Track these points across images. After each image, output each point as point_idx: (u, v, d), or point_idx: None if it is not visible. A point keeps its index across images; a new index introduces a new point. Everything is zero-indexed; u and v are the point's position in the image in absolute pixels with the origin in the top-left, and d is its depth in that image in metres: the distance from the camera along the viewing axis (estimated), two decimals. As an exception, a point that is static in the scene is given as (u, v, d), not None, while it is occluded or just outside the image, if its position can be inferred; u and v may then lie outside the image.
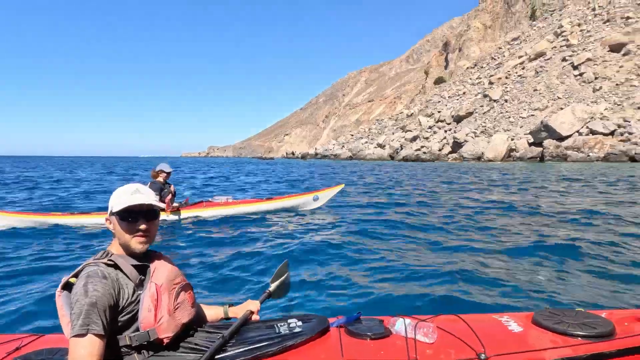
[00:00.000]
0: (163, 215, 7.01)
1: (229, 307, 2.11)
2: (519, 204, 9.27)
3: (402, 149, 62.31)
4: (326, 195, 8.39)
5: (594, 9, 66.21)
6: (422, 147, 58.22)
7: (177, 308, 1.69)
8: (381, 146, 71.17)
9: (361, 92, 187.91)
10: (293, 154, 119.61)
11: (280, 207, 8.06)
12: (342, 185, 8.71)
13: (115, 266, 1.63)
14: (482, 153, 45.73)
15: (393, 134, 75.87)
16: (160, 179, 7.14)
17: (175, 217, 7.24)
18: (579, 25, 64.55)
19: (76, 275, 1.60)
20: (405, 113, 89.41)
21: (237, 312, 2.06)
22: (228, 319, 2.08)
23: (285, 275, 2.79)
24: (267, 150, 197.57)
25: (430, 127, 65.78)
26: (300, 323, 1.86)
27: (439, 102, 78.64)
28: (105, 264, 1.62)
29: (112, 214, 1.71)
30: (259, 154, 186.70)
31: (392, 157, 63.02)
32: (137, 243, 1.69)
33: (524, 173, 21.91)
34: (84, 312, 1.45)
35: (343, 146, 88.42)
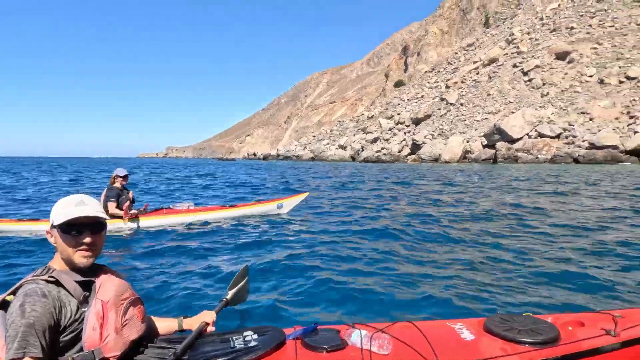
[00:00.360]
0: (120, 223, 6.76)
1: (183, 318, 2.05)
2: (472, 207, 9.63)
3: (363, 150, 63.17)
4: (291, 203, 8.37)
5: (541, 19, 70.09)
6: (383, 148, 59.30)
7: (125, 325, 1.62)
8: (343, 147, 71.85)
9: (323, 94, 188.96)
10: (255, 154, 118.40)
11: (243, 214, 7.94)
12: (307, 194, 8.72)
13: (57, 283, 1.54)
14: (440, 155, 47.19)
15: (354, 135, 76.79)
16: (118, 184, 6.86)
17: (134, 225, 6.96)
18: (528, 33, 68.11)
19: (14, 293, 1.50)
20: (366, 115, 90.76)
21: (192, 323, 2.01)
22: (182, 331, 2.02)
23: (244, 280, 2.73)
24: (228, 151, 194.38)
25: (390, 129, 67.15)
26: (255, 336, 1.83)
27: (399, 104, 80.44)
28: (46, 280, 1.53)
29: (53, 227, 1.62)
30: (219, 154, 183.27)
31: (353, 159, 63.79)
32: (81, 257, 1.60)
33: (477, 174, 22.80)
34: (20, 334, 1.36)
35: (305, 147, 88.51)
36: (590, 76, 49.65)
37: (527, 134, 42.94)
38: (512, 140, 42.77)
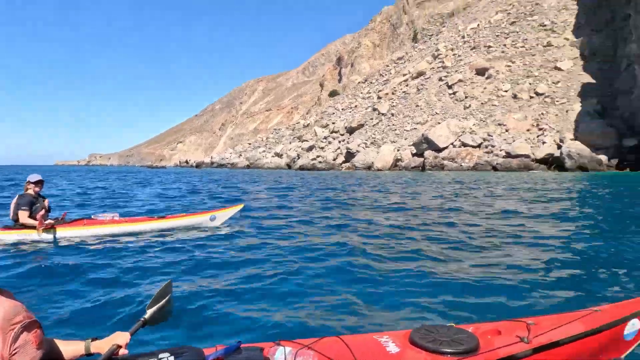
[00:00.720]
0: (34, 234, 6.17)
1: (91, 341, 1.87)
2: (396, 216, 10.01)
3: (299, 158, 63.53)
4: (224, 215, 8.07)
5: (463, 37, 75.43)
6: (318, 156, 60.08)
7: (16, 353, 1.44)
8: (279, 155, 71.71)
9: (259, 101, 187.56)
10: (187, 162, 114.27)
11: (173, 226, 7.53)
12: (242, 205, 8.47)
13: None
14: (372, 163, 48.80)
15: (290, 143, 76.99)
16: (31, 191, 6.26)
17: (49, 237, 6.37)
18: (452, 49, 72.93)
19: None
20: (302, 123, 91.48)
21: (102, 346, 1.83)
22: (90, 355, 1.84)
23: (167, 298, 2.56)
24: (158, 159, 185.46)
25: (325, 138, 68.24)
26: (172, 358, 1.72)
27: (333, 113, 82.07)
28: None
29: None
30: (149, 162, 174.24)
31: (289, 166, 63.85)
32: None
33: (405, 182, 23.84)
34: None
35: (240, 155, 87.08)
36: (506, 91, 54.27)
37: (452, 144, 45.85)
38: (439, 149, 45.42)
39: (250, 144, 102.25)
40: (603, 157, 37.71)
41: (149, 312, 2.34)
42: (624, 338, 2.23)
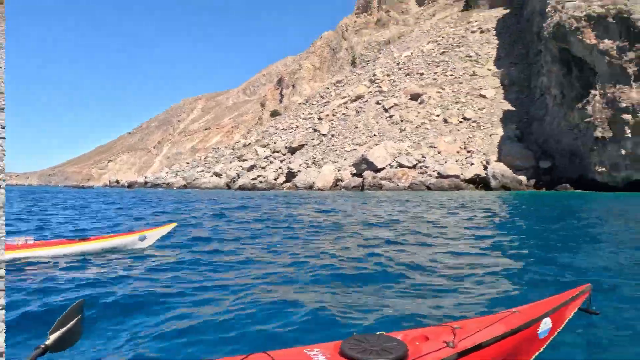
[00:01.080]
0: None
1: None
2: (328, 230, 10.11)
3: (239, 177, 62.47)
4: (155, 234, 7.61)
5: (398, 64, 79.60)
6: (259, 176, 59.51)
7: None
8: (218, 175, 70.09)
9: (197, 120, 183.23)
10: (118, 182, 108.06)
11: (98, 248, 6.96)
12: (174, 225, 8.05)
13: None
14: (313, 182, 49.23)
15: (230, 162, 75.64)
16: None
17: None
18: (388, 75, 76.54)
19: None
20: (243, 142, 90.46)
21: None
22: None
23: (76, 320, 2.28)
24: (85, 178, 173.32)
25: (266, 157, 67.93)
26: None
27: (275, 133, 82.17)
28: None
29: None
30: (74, 181, 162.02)
31: (228, 186, 62.57)
32: None
33: (346, 201, 24.27)
34: None
35: (177, 174, 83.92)
36: (437, 115, 57.74)
37: (389, 164, 47.62)
38: (377, 170, 46.95)
39: (188, 163, 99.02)
40: (523, 178, 41.16)
41: (52, 338, 2.08)
42: (538, 336, 2.38)
